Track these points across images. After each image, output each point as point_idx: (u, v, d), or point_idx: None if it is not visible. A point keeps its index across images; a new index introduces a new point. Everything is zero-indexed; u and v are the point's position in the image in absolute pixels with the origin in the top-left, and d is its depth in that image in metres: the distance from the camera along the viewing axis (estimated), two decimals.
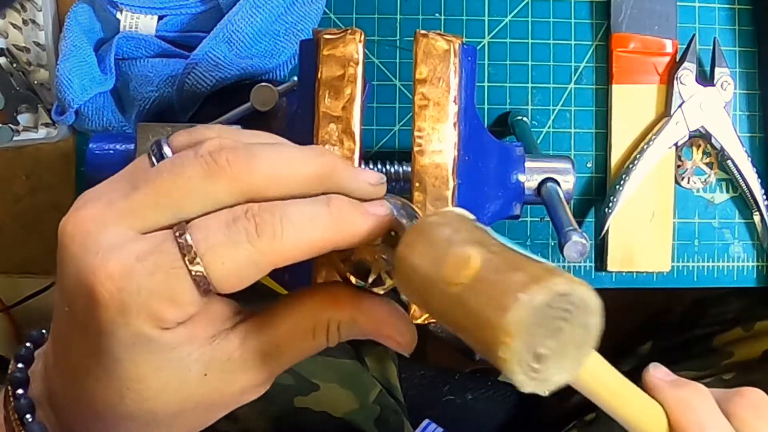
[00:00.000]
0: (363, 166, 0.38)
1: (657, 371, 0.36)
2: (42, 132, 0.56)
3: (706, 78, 0.57)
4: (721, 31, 0.59)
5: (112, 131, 0.54)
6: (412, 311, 0.36)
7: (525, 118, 0.56)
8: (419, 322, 0.36)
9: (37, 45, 0.55)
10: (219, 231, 0.27)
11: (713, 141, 0.56)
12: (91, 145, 0.45)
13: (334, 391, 0.59)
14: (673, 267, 0.58)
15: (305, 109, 0.37)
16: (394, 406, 0.63)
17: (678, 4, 0.58)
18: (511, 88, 0.58)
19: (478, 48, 0.58)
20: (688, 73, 0.56)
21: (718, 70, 0.56)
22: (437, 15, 0.58)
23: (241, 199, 0.28)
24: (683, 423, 0.33)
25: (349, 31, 0.36)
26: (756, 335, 0.62)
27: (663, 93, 0.57)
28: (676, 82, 0.56)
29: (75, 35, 0.52)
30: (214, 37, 0.52)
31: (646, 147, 0.56)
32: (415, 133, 0.37)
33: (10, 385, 0.32)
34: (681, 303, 0.78)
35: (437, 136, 0.37)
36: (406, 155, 0.39)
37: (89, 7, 0.54)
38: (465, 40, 0.46)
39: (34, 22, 0.55)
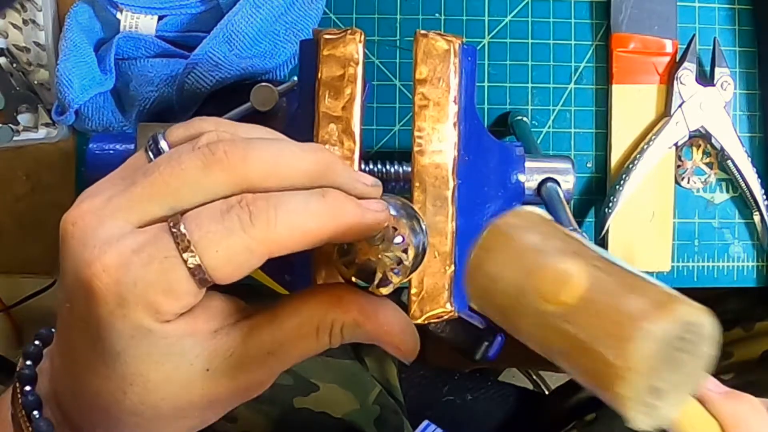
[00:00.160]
0: (363, 167, 0.38)
1: (708, 382, 0.34)
2: (42, 132, 0.56)
3: (706, 78, 0.57)
4: (721, 31, 0.59)
5: (112, 131, 0.54)
6: (411, 311, 0.36)
7: (525, 118, 0.56)
8: (419, 322, 0.36)
9: (37, 45, 0.55)
10: (213, 219, 0.27)
11: (713, 141, 0.56)
12: (91, 145, 0.45)
13: (334, 391, 0.59)
14: (673, 267, 0.58)
15: (305, 109, 0.37)
16: (394, 407, 0.63)
17: (678, 4, 0.58)
18: (511, 88, 0.58)
19: (478, 48, 0.58)
20: (688, 73, 0.56)
21: (718, 70, 0.56)
22: (437, 15, 0.58)
23: (237, 190, 0.28)
24: None
25: (349, 31, 0.36)
26: (755, 336, 0.61)
27: (663, 93, 0.57)
28: (676, 82, 0.56)
29: (75, 35, 0.52)
30: (214, 37, 0.52)
31: (646, 147, 0.56)
32: (415, 133, 0.37)
33: (18, 382, 0.32)
34: None
35: (437, 136, 0.37)
36: (406, 155, 0.39)
37: (89, 7, 0.54)
38: (465, 40, 0.46)
39: (34, 22, 0.55)
